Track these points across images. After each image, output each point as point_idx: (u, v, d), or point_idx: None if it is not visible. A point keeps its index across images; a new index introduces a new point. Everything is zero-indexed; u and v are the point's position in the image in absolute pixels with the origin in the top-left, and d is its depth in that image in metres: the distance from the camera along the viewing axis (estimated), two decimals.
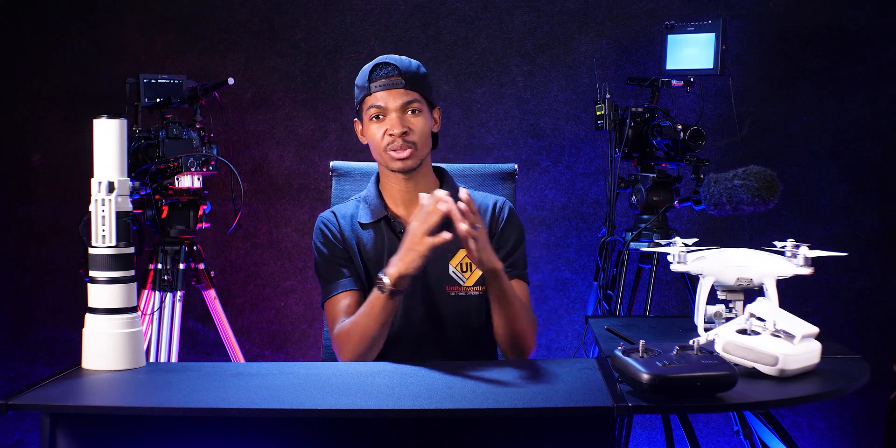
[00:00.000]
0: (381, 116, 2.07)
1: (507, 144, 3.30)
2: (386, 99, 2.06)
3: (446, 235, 1.81)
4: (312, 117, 3.31)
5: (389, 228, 2.12)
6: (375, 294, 1.92)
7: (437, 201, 1.84)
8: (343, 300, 2.07)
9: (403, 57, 2.11)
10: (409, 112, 2.07)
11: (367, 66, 2.09)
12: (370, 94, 2.07)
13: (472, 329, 2.11)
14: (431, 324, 2.10)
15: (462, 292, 2.11)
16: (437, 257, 2.00)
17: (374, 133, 2.07)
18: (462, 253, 2.09)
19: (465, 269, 2.11)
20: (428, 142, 2.11)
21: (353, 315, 2.00)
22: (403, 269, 1.87)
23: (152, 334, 2.65)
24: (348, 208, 2.17)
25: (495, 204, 2.17)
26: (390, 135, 2.04)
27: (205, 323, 3.20)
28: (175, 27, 3.27)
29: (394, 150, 2.05)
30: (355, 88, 2.12)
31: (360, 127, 2.14)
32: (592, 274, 3.02)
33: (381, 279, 1.90)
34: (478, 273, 2.10)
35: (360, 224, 2.13)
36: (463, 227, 1.82)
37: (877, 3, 3.22)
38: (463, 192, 1.86)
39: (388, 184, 2.14)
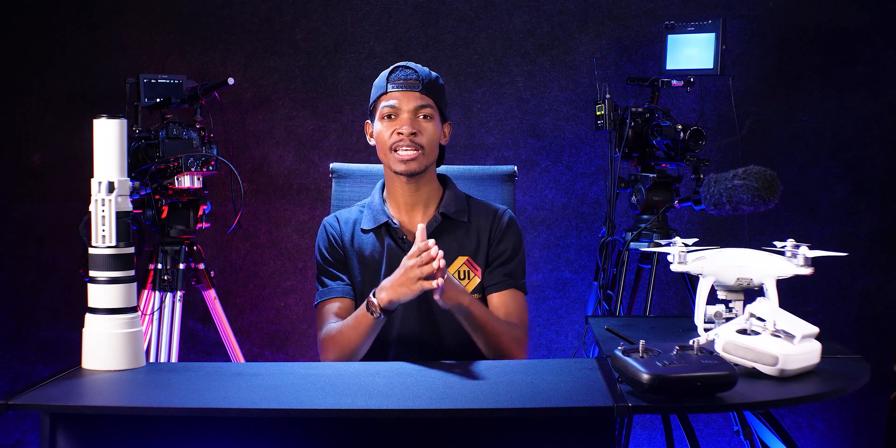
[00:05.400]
0: (393, 116, 2.09)
1: (507, 144, 3.30)
2: (401, 99, 2.08)
3: (439, 282, 1.85)
4: (312, 117, 3.30)
5: (390, 235, 2.14)
6: (364, 312, 1.96)
7: (429, 258, 1.85)
8: (334, 305, 2.12)
9: (425, 67, 2.14)
10: (422, 116, 2.09)
11: (388, 69, 2.13)
12: (386, 93, 2.10)
13: (468, 334, 2.12)
14: (429, 328, 2.13)
15: None
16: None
17: (384, 131, 2.09)
18: (460, 261, 2.13)
19: (462, 277, 2.13)
20: (435, 149, 2.12)
21: (340, 321, 2.04)
22: (394, 297, 1.91)
23: (152, 334, 2.65)
24: (352, 214, 2.20)
25: (496, 212, 2.19)
26: (399, 133, 2.06)
27: (205, 323, 3.20)
28: (175, 27, 3.27)
29: (401, 150, 2.06)
30: (372, 89, 2.15)
31: (371, 128, 2.16)
32: (592, 274, 3.02)
33: (372, 301, 1.93)
34: (475, 281, 2.13)
35: (362, 229, 2.16)
36: (436, 292, 1.86)
37: (877, 3, 3.22)
38: (433, 251, 1.86)
39: (393, 189, 2.15)
